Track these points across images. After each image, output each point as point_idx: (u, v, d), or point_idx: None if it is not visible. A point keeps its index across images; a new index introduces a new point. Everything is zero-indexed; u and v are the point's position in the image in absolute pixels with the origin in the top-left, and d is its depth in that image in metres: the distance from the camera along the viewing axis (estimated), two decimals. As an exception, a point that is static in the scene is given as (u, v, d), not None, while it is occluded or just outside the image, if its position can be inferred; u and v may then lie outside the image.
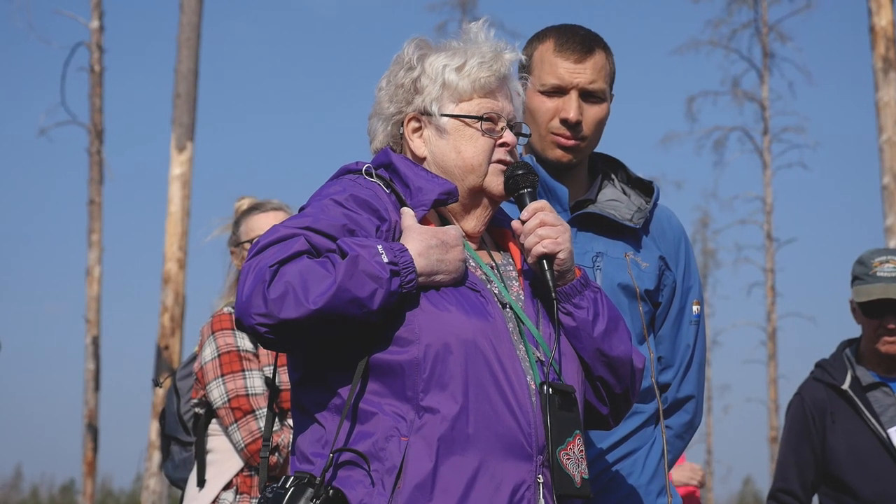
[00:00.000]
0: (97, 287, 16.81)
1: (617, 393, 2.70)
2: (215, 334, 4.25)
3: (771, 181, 27.29)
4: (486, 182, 2.65)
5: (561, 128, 3.15)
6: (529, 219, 2.62)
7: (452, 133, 2.65)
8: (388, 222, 2.52)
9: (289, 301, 2.32)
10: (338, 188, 2.56)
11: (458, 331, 2.42)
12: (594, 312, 2.64)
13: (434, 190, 2.58)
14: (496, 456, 2.40)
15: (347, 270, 2.33)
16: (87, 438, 16.43)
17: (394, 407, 2.40)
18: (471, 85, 2.65)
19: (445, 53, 2.68)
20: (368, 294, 2.34)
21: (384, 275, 2.36)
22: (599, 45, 3.19)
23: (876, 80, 13.01)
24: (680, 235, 3.36)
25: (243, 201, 4.68)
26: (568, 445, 2.48)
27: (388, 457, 2.37)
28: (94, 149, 17.00)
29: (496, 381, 2.43)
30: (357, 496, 2.36)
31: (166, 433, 4.53)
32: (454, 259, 2.49)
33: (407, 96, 2.68)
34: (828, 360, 4.63)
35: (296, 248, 2.38)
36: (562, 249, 2.60)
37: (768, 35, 27.64)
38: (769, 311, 27.01)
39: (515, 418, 2.43)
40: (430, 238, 2.47)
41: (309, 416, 2.51)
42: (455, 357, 2.40)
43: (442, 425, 2.37)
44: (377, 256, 2.37)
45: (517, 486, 2.41)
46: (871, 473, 4.40)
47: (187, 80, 14.77)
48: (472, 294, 2.51)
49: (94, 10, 17.45)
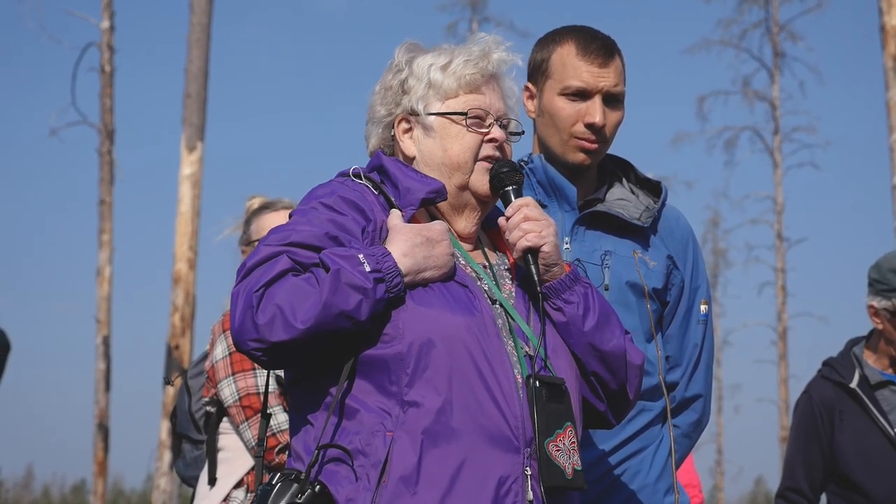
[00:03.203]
0: (108, 287, 16.85)
1: (613, 389, 2.70)
2: (226, 333, 4.26)
3: (781, 181, 27.27)
4: (471, 180, 2.67)
5: (586, 132, 3.17)
6: (514, 214, 2.64)
7: (439, 131, 2.67)
8: (373, 222, 2.55)
9: (277, 324, 2.35)
10: (326, 191, 2.60)
11: (441, 326, 2.44)
12: (584, 307, 2.65)
13: (421, 189, 2.60)
14: (482, 448, 2.41)
15: (331, 285, 2.36)
16: (98, 438, 16.47)
17: (379, 403, 2.42)
18: (456, 82, 2.67)
19: (433, 54, 2.71)
20: (354, 306, 2.37)
21: (368, 284, 2.38)
22: (617, 50, 3.23)
23: (887, 79, 13.00)
24: (688, 235, 3.37)
25: (254, 200, 4.69)
26: (558, 437, 2.48)
27: (373, 452, 2.39)
28: (105, 149, 17.04)
29: (481, 375, 2.44)
30: (343, 492, 2.38)
31: (178, 431, 4.55)
32: (441, 254, 2.51)
33: (396, 98, 2.71)
34: (836, 358, 4.62)
35: (279, 268, 2.41)
36: (546, 243, 2.61)
37: (779, 34, 27.62)
38: (780, 311, 26.98)
39: (501, 411, 2.44)
40: (414, 236, 2.49)
41: (300, 415, 2.54)
42: (438, 351, 2.42)
43: (426, 418, 2.39)
44: (359, 266, 2.39)
45: (503, 478, 2.41)
46: (880, 472, 4.40)
47: (197, 80, 14.80)
48: (460, 289, 2.53)
49: (105, 11, 17.50)
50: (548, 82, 3.21)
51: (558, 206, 3.23)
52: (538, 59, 3.25)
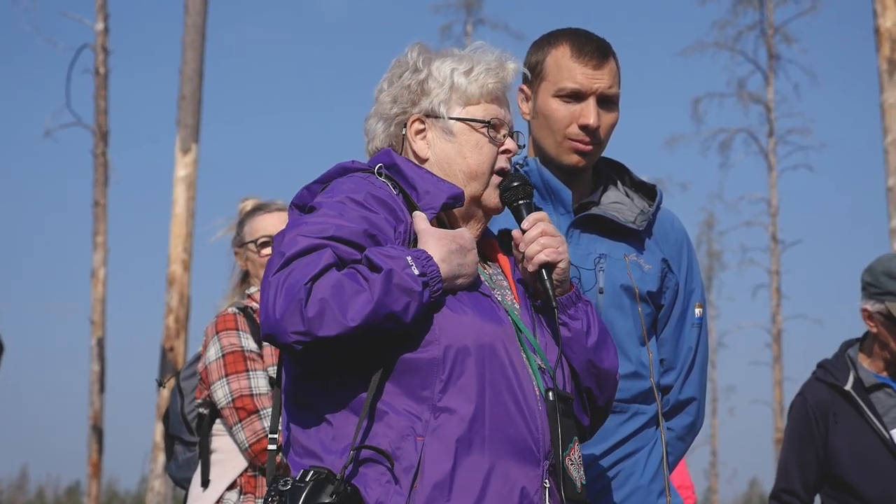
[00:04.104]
0: (102, 289, 16.83)
1: (599, 405, 2.73)
2: (219, 334, 4.26)
3: (776, 183, 27.30)
4: (484, 194, 2.67)
5: (580, 133, 3.17)
6: (531, 228, 2.64)
7: (459, 136, 2.66)
8: (404, 223, 2.53)
9: (327, 319, 2.31)
10: (352, 186, 2.54)
11: (475, 333, 2.43)
12: (587, 324, 2.67)
13: (443, 193, 2.59)
14: (507, 459, 2.41)
15: (383, 286, 2.33)
16: (93, 440, 16.45)
17: (408, 406, 2.40)
18: (479, 89, 2.67)
19: (452, 58, 2.70)
20: (403, 308, 2.35)
21: (417, 287, 2.36)
22: (612, 52, 3.23)
23: (881, 81, 12.98)
24: (682, 238, 3.37)
25: (247, 202, 4.68)
26: (570, 451, 2.50)
27: (404, 456, 2.37)
28: (99, 150, 17.03)
29: (509, 386, 2.44)
30: (374, 494, 2.35)
31: (170, 433, 4.54)
32: (472, 262, 2.51)
33: (413, 97, 2.69)
34: (830, 360, 4.63)
35: (325, 262, 2.36)
36: (562, 259, 2.63)
37: (774, 37, 27.66)
38: (774, 313, 27.03)
39: (526, 423, 2.44)
40: (449, 242, 2.48)
41: (312, 412, 2.48)
42: (473, 359, 2.41)
43: (460, 426, 2.38)
44: (408, 269, 2.37)
45: (526, 491, 2.42)
46: (874, 474, 4.40)
47: (192, 81, 14.78)
48: (485, 299, 2.53)
49: (100, 12, 17.49)
50: (542, 84, 3.21)
51: (553, 208, 3.22)
52: (533, 61, 3.25)
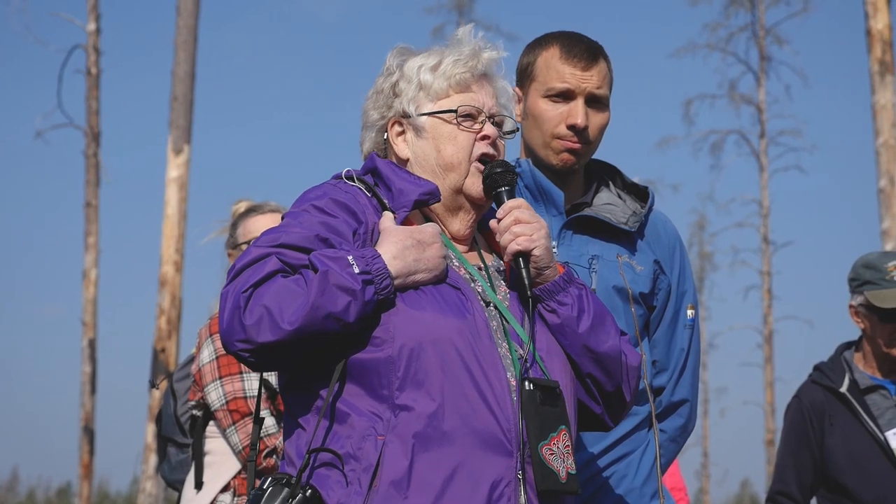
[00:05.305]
0: (94, 290, 16.80)
1: (609, 391, 2.69)
2: (213, 336, 4.26)
3: (767, 184, 27.34)
4: (465, 183, 2.66)
5: (568, 133, 3.17)
6: (504, 217, 2.63)
7: (431, 131, 2.67)
8: (364, 224, 2.55)
9: (265, 325, 2.35)
10: (317, 193, 2.60)
11: (432, 329, 2.43)
12: (579, 309, 2.63)
13: (414, 191, 2.60)
14: (474, 452, 2.40)
15: (319, 286, 2.35)
16: (84, 441, 16.42)
17: (370, 407, 2.41)
18: (446, 82, 2.67)
19: (423, 55, 2.72)
20: (343, 308, 2.36)
21: (356, 286, 2.37)
22: (602, 54, 3.23)
23: (872, 83, 13.03)
24: (675, 240, 3.38)
25: (240, 204, 4.69)
26: (552, 440, 2.47)
27: (364, 456, 2.38)
28: (91, 151, 17.00)
29: (473, 378, 2.43)
30: (334, 496, 2.38)
31: (163, 435, 4.54)
32: (432, 256, 2.51)
33: (387, 101, 2.71)
34: (826, 362, 4.64)
35: (268, 269, 2.41)
36: (536, 246, 2.60)
37: (765, 38, 27.69)
38: (766, 314, 27.05)
39: (493, 414, 2.43)
40: (405, 238, 2.49)
41: (293, 420, 2.54)
42: (429, 355, 2.41)
43: (417, 423, 2.38)
44: (348, 268, 2.38)
45: (496, 482, 2.40)
46: (870, 476, 4.40)
47: (184, 82, 14.77)
48: (452, 292, 2.52)
49: (91, 13, 17.45)
50: (533, 85, 3.22)
51: (546, 210, 3.23)
52: (524, 63, 3.27)
